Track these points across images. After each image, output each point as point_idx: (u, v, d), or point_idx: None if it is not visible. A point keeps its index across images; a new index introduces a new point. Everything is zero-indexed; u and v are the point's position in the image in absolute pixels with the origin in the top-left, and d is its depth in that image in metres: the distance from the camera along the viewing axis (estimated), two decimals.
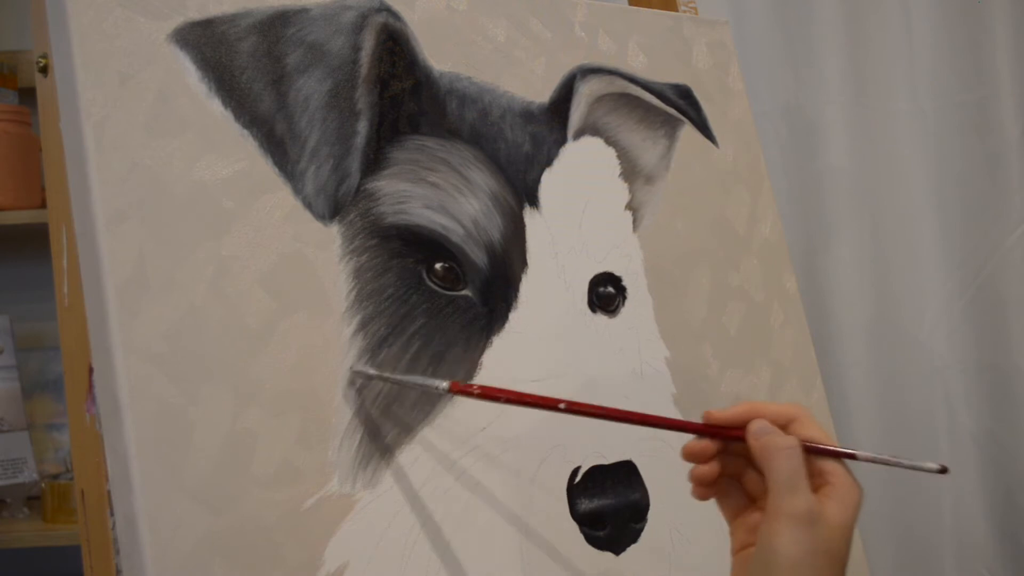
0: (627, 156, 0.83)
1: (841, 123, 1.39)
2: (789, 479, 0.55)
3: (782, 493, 0.55)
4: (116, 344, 0.58)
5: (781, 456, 0.56)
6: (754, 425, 0.58)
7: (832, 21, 1.39)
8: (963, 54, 1.37)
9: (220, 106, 0.64)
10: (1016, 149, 1.35)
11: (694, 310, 0.84)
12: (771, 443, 0.56)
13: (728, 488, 0.61)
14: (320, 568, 0.61)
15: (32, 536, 1.37)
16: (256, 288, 0.63)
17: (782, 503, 0.54)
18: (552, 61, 0.81)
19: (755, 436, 0.57)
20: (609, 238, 0.80)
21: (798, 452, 0.56)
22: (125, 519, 0.58)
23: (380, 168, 0.69)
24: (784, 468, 0.55)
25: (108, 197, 0.59)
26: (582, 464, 0.71)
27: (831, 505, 0.55)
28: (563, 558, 0.69)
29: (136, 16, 0.63)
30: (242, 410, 0.61)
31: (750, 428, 0.58)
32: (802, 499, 0.54)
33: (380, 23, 0.71)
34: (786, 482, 0.55)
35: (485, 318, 0.71)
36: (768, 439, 0.57)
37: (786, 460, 0.55)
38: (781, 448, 0.56)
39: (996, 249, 1.37)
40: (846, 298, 1.39)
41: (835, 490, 0.56)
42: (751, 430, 0.58)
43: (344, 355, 0.65)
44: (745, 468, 0.60)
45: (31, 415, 1.49)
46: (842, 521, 0.55)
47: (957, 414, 1.38)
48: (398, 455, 0.66)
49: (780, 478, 0.55)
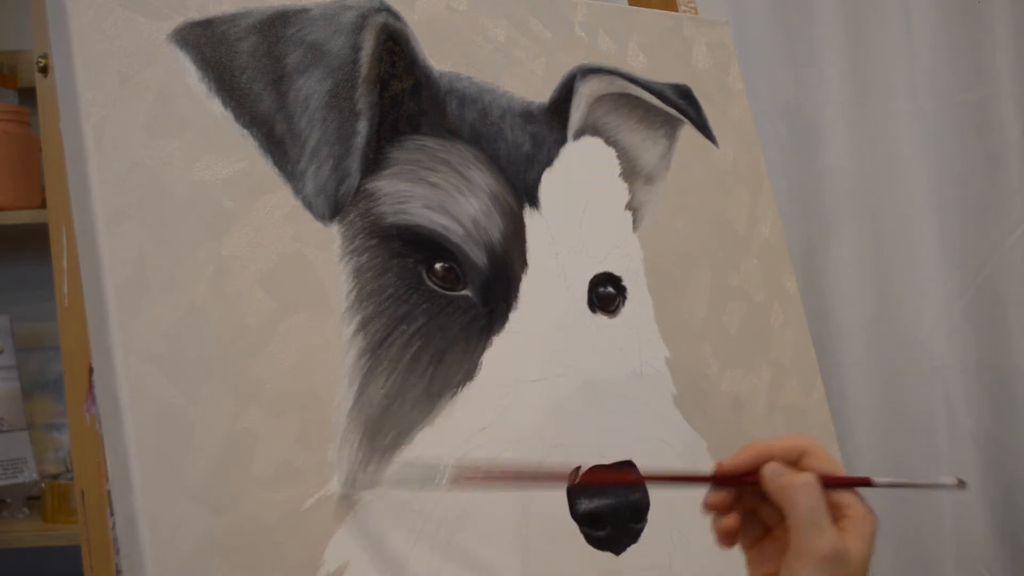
0: (627, 156, 0.83)
1: (841, 123, 1.39)
2: (811, 518, 0.55)
3: (807, 533, 0.55)
4: (116, 344, 0.58)
5: (800, 495, 0.56)
6: (768, 469, 0.58)
7: (832, 21, 1.38)
8: (963, 54, 1.37)
9: (220, 106, 0.64)
10: (1016, 149, 1.35)
11: (694, 310, 0.84)
12: (788, 484, 0.56)
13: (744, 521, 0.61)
14: (320, 568, 0.61)
15: (32, 536, 1.37)
16: (256, 288, 0.63)
17: (808, 544, 0.54)
18: (552, 61, 0.81)
19: (771, 480, 0.57)
20: (609, 238, 0.80)
21: (816, 488, 0.56)
22: (125, 519, 0.58)
23: (380, 168, 0.69)
24: (805, 507, 0.55)
25: (108, 197, 0.59)
26: (582, 464, 0.71)
27: (851, 540, 0.55)
28: (563, 558, 0.69)
29: (136, 16, 0.63)
30: (242, 410, 0.61)
31: (764, 472, 0.58)
32: (827, 539, 0.54)
33: (380, 23, 0.71)
34: (809, 521, 0.55)
35: (485, 318, 0.71)
36: (784, 480, 0.57)
37: (805, 498, 0.55)
38: (799, 487, 0.56)
39: (996, 249, 1.37)
40: (846, 298, 1.39)
41: (853, 523, 0.56)
42: (765, 474, 0.58)
43: (344, 355, 0.65)
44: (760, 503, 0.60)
45: (31, 415, 1.49)
46: (862, 554, 0.55)
47: (957, 414, 1.38)
48: (398, 455, 0.66)
49: (802, 518, 0.55)
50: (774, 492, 0.57)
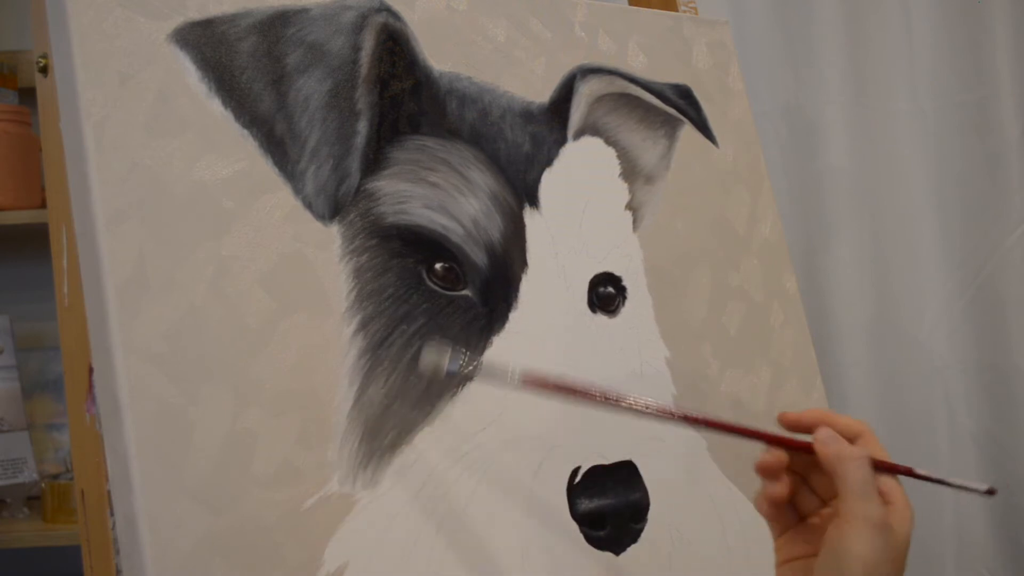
0: (627, 156, 0.83)
1: (841, 123, 1.39)
2: (863, 486, 0.56)
3: (857, 499, 0.56)
4: (116, 344, 0.58)
5: (854, 464, 0.57)
6: (822, 432, 0.59)
7: (832, 21, 1.39)
8: (963, 54, 1.37)
9: (220, 106, 0.64)
10: (1016, 149, 1.35)
11: (694, 310, 0.84)
12: (843, 451, 0.58)
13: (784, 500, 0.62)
14: (320, 568, 0.61)
15: (32, 536, 1.37)
16: (256, 288, 0.63)
17: (857, 508, 0.55)
18: (552, 61, 0.81)
19: (824, 443, 0.58)
20: (609, 238, 0.80)
21: (868, 462, 0.57)
22: (125, 519, 0.58)
23: (380, 168, 0.69)
24: (858, 475, 0.56)
25: (108, 197, 0.59)
26: (582, 464, 0.71)
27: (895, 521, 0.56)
28: (563, 558, 0.69)
29: (136, 16, 0.63)
30: (242, 410, 0.61)
31: (818, 435, 0.59)
32: (876, 506, 0.56)
33: (380, 23, 0.71)
34: (860, 488, 0.56)
35: (485, 318, 0.71)
36: (839, 447, 0.58)
37: (859, 468, 0.57)
38: (854, 457, 0.57)
39: (996, 249, 1.37)
40: (846, 298, 1.39)
41: (895, 509, 0.57)
42: (820, 437, 0.59)
43: (344, 355, 0.65)
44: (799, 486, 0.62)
45: (31, 415, 1.49)
46: (904, 536, 0.56)
47: (957, 414, 1.38)
48: (398, 455, 0.66)
49: (854, 485, 0.56)
50: (828, 457, 0.58)
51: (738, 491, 0.79)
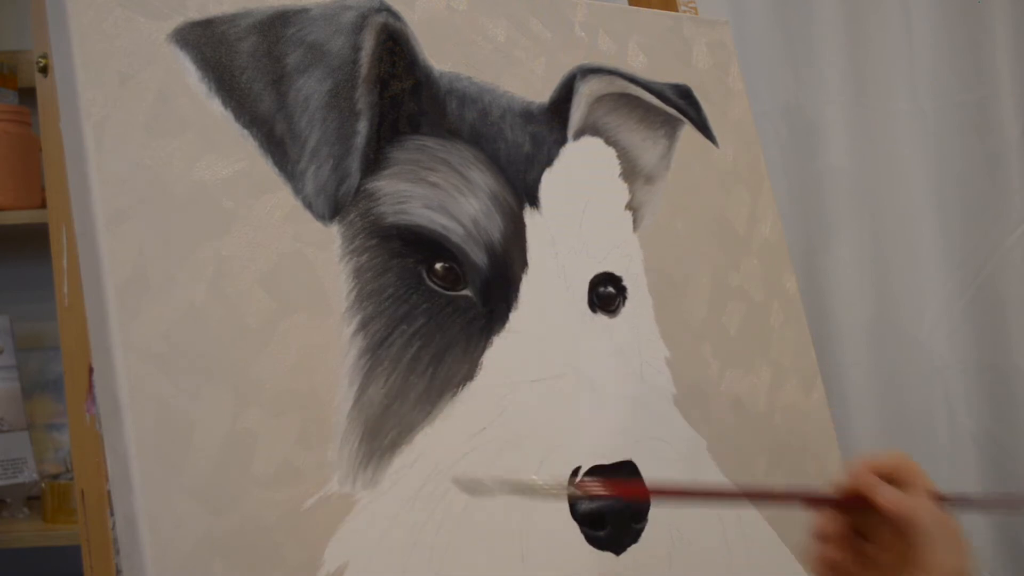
0: (627, 156, 0.83)
1: (841, 123, 1.39)
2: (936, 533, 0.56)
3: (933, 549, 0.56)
4: (116, 344, 0.58)
5: (920, 513, 0.57)
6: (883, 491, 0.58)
7: (832, 21, 1.38)
8: (963, 54, 1.37)
9: (220, 106, 0.64)
10: (1016, 149, 1.35)
11: (694, 310, 0.84)
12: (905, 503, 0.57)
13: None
14: (320, 568, 0.61)
15: (32, 536, 1.37)
16: (256, 288, 0.63)
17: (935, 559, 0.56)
18: (552, 61, 0.81)
19: (888, 500, 0.58)
20: (609, 238, 0.80)
21: (932, 506, 0.57)
22: (125, 519, 0.58)
23: (380, 168, 0.69)
24: (929, 523, 0.56)
25: (108, 197, 0.59)
26: (582, 464, 0.71)
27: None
28: (563, 558, 0.69)
29: (136, 16, 0.63)
30: (242, 410, 0.61)
31: (880, 495, 0.58)
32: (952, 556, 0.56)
33: (380, 23, 0.71)
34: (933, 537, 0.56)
35: (485, 318, 0.71)
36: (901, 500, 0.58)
37: (927, 515, 0.57)
38: (918, 508, 0.57)
39: (996, 249, 1.37)
40: (846, 298, 1.39)
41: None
42: (883, 496, 0.58)
43: (344, 355, 0.65)
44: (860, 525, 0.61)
45: (31, 415, 1.49)
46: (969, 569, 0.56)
47: (957, 414, 1.38)
48: (398, 455, 0.66)
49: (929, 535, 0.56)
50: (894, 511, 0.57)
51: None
